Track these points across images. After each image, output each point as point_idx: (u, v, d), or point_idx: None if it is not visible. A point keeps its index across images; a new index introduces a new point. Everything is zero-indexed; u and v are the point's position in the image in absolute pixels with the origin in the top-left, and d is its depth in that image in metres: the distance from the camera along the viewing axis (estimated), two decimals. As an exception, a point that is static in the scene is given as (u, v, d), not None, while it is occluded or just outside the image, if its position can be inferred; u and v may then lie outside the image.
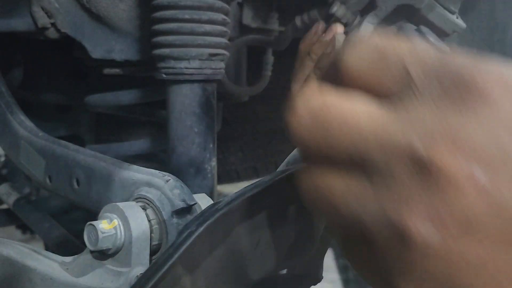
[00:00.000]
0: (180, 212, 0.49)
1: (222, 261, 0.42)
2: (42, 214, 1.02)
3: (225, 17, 0.69)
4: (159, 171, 0.51)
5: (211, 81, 0.69)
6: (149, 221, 0.48)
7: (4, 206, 1.21)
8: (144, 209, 0.49)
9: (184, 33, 0.66)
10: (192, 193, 0.51)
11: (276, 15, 0.92)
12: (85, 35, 0.73)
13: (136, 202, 0.49)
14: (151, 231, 0.48)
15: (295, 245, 0.51)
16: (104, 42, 0.74)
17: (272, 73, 1.02)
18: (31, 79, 1.00)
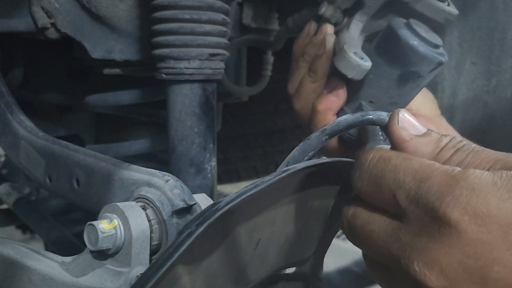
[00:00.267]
0: (180, 212, 0.49)
1: (222, 261, 0.42)
2: (42, 214, 1.02)
3: (225, 17, 0.69)
4: (159, 171, 0.51)
5: (211, 81, 0.69)
6: (149, 221, 0.48)
7: (4, 206, 1.21)
8: (144, 209, 0.49)
9: (184, 33, 0.66)
10: (192, 193, 0.51)
11: (276, 15, 0.92)
12: (85, 35, 0.73)
13: (136, 202, 0.49)
14: (151, 231, 0.48)
15: (295, 245, 0.51)
16: (104, 42, 0.74)
17: (272, 73, 1.02)
18: (31, 79, 1.00)
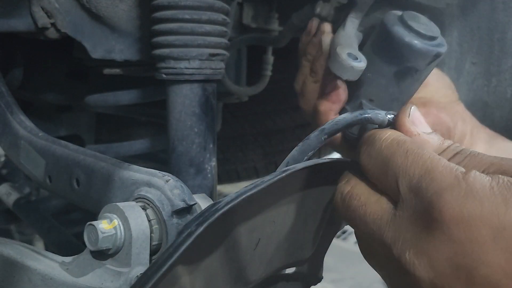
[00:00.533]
0: (180, 212, 0.49)
1: (222, 261, 0.42)
2: (42, 214, 1.02)
3: (225, 17, 0.69)
4: (159, 171, 0.51)
5: (211, 81, 0.69)
6: (149, 221, 0.48)
7: (4, 206, 1.21)
8: (144, 209, 0.48)
9: (184, 33, 0.65)
10: (192, 193, 0.51)
11: (276, 15, 0.92)
12: (85, 35, 0.73)
13: (136, 202, 0.49)
14: (151, 231, 0.48)
15: (295, 245, 0.51)
16: (104, 42, 0.74)
17: (272, 73, 1.02)
18: (31, 79, 1.00)
